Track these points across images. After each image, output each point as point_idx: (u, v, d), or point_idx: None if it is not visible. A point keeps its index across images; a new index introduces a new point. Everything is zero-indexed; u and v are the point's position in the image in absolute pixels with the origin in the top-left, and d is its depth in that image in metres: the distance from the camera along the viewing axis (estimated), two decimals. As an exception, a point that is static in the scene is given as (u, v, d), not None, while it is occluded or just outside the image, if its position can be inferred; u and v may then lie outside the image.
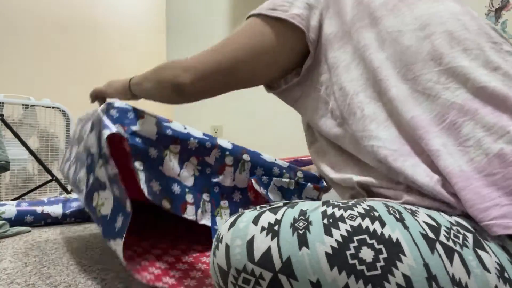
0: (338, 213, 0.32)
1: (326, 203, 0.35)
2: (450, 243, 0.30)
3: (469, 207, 0.32)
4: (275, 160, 0.82)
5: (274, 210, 0.35)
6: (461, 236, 0.30)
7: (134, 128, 0.64)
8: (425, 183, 0.36)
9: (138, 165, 0.61)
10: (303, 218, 0.33)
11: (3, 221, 1.04)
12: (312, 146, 0.58)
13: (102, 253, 0.84)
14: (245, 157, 0.79)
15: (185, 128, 0.75)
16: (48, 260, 0.79)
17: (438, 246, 0.29)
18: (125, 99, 0.73)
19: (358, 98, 0.45)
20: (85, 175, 0.69)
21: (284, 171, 0.83)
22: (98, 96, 0.90)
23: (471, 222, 0.32)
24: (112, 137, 0.61)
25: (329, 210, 0.33)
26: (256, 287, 0.31)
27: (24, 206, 1.14)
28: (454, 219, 0.33)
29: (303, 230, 0.31)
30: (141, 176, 0.60)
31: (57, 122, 1.82)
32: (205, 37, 2.04)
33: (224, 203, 0.75)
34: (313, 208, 0.34)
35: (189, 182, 0.72)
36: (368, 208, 0.33)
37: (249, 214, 0.35)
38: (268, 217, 0.34)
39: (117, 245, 0.56)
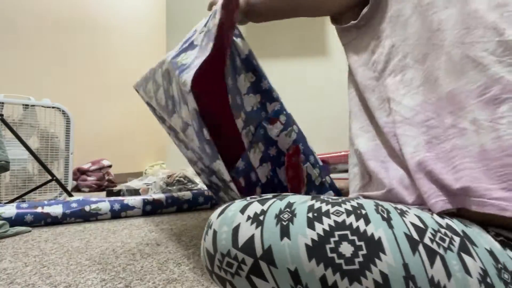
0: (324, 208, 0.33)
1: (315, 197, 0.36)
2: (434, 246, 0.30)
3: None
4: (315, 153, 0.93)
5: (262, 201, 0.36)
6: (447, 239, 0.31)
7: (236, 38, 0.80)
8: (408, 159, 0.38)
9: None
10: (288, 210, 0.34)
11: (3, 221, 1.04)
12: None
13: (102, 253, 0.84)
14: (295, 128, 0.91)
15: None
16: (48, 260, 0.79)
17: (420, 247, 0.30)
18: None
19: (405, 60, 0.45)
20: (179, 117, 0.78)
21: (318, 166, 0.93)
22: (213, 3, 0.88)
23: (461, 225, 0.33)
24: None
25: (316, 205, 0.34)
26: (239, 271, 0.33)
27: (24, 208, 1.15)
28: (445, 222, 0.33)
29: (287, 222, 0.33)
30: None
31: (57, 122, 1.82)
32: (205, 37, 2.04)
33: (261, 146, 0.85)
34: (301, 202, 0.35)
35: (248, 108, 0.86)
36: (356, 205, 0.34)
37: (238, 204, 0.37)
38: (255, 207, 0.35)
39: (220, 165, 0.66)
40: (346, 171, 1.17)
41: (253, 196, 0.39)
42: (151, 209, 1.33)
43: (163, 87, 0.80)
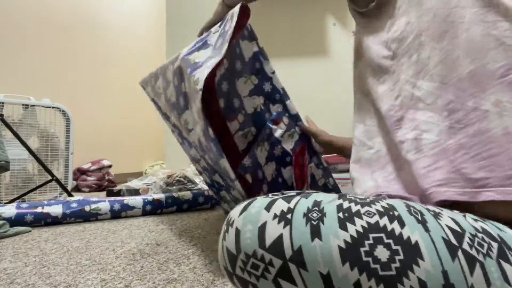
0: (354, 208, 0.32)
1: (342, 196, 0.34)
2: (473, 252, 0.28)
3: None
4: (320, 154, 0.96)
5: (288, 199, 0.34)
6: (485, 245, 0.29)
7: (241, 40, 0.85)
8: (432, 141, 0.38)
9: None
10: (317, 209, 0.32)
11: (3, 221, 1.04)
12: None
13: (102, 253, 0.84)
14: (297, 130, 0.94)
15: (272, 73, 0.92)
16: (48, 260, 0.79)
17: (460, 253, 0.28)
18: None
19: (420, 39, 0.43)
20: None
21: (321, 166, 0.96)
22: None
23: (496, 229, 0.31)
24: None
25: (345, 204, 0.32)
26: (265, 273, 0.30)
27: (24, 208, 1.15)
28: (480, 225, 0.31)
29: (317, 221, 0.31)
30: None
31: (57, 122, 1.82)
32: (205, 37, 2.04)
33: (266, 146, 0.89)
34: (328, 200, 0.33)
35: (250, 110, 0.90)
36: (387, 206, 0.32)
37: (261, 201, 0.34)
38: (281, 205, 0.33)
39: (225, 163, 0.69)
40: (346, 171, 1.17)
41: (274, 193, 0.37)
42: (151, 209, 1.33)
43: (173, 84, 0.81)
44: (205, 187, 1.59)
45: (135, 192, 1.71)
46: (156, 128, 3.28)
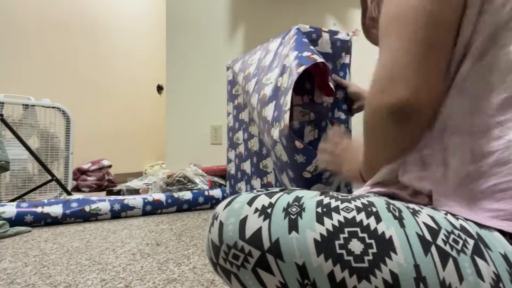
0: (334, 204, 0.33)
1: (324, 193, 0.36)
2: (447, 248, 0.29)
3: None
4: None
5: (270, 194, 0.36)
6: (461, 242, 0.30)
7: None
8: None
9: None
10: (297, 204, 0.33)
11: (3, 221, 1.04)
12: None
13: (102, 253, 0.84)
14: None
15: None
16: (48, 260, 0.79)
17: (433, 248, 0.29)
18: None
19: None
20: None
21: None
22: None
23: (476, 227, 0.32)
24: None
25: (325, 200, 0.34)
26: (245, 263, 0.32)
27: (24, 207, 1.15)
28: (459, 223, 0.32)
29: (295, 216, 0.32)
30: None
31: (57, 122, 1.82)
32: (206, 37, 2.04)
33: (315, 133, 0.96)
34: (309, 197, 0.35)
35: (316, 100, 0.98)
36: (367, 203, 0.33)
37: (245, 196, 0.36)
38: (262, 200, 0.35)
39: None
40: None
41: (259, 190, 0.38)
42: (151, 209, 1.33)
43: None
44: (205, 187, 1.59)
45: (135, 192, 1.71)
46: (156, 128, 3.28)
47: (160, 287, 0.62)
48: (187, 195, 1.42)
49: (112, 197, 1.31)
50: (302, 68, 0.83)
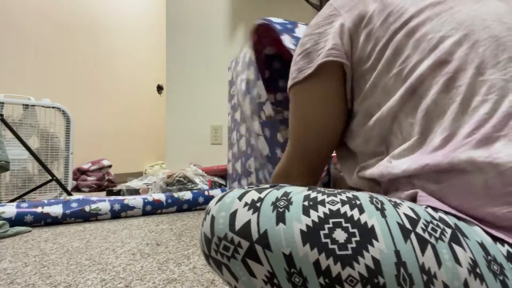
0: (320, 197, 0.35)
1: (312, 188, 0.38)
2: (426, 235, 0.31)
3: None
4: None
5: (260, 190, 0.38)
6: (439, 230, 0.32)
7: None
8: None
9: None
10: (285, 198, 0.35)
11: (3, 221, 1.04)
12: None
13: (102, 253, 0.84)
14: None
15: None
16: (48, 260, 0.79)
17: (412, 236, 0.31)
18: None
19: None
20: None
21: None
22: None
23: (454, 219, 0.34)
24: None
25: (312, 194, 0.36)
26: (235, 254, 0.34)
27: (24, 207, 1.15)
28: (438, 215, 0.34)
29: (283, 209, 0.34)
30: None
31: (57, 122, 1.82)
32: (206, 37, 2.04)
33: (287, 134, 0.94)
34: (297, 191, 0.37)
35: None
36: (351, 196, 0.35)
37: (236, 192, 0.38)
38: (252, 195, 0.37)
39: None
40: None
41: (250, 186, 0.40)
42: (151, 209, 1.33)
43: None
44: (205, 187, 1.59)
45: (135, 192, 1.71)
46: (156, 128, 3.28)
47: (160, 287, 0.62)
48: (187, 195, 1.42)
49: (112, 197, 1.31)
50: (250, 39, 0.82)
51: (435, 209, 0.35)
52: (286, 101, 0.97)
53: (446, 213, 0.35)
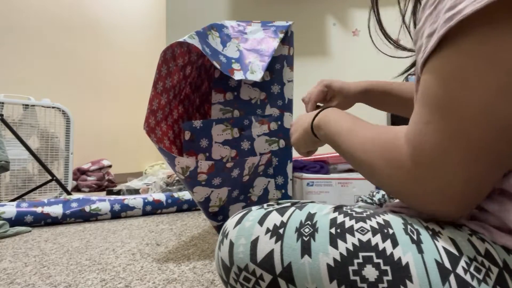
0: (348, 223, 0.31)
1: (338, 209, 0.34)
2: (467, 277, 0.27)
3: None
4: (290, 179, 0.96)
5: (282, 211, 0.34)
6: (483, 270, 0.28)
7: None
8: None
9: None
10: (309, 223, 0.32)
11: (3, 221, 1.04)
12: None
13: (102, 253, 0.84)
14: (282, 143, 0.95)
15: (288, 81, 0.96)
16: (48, 260, 0.79)
17: (451, 278, 0.27)
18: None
19: None
20: None
21: (284, 191, 0.95)
22: None
23: (504, 253, 0.29)
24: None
25: (340, 219, 0.32)
26: (256, 286, 0.32)
27: (24, 207, 1.14)
28: (485, 247, 0.29)
29: (308, 237, 0.31)
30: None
31: (57, 122, 1.82)
32: (205, 37, 2.04)
33: (235, 132, 0.92)
34: (322, 214, 0.33)
35: (245, 97, 0.96)
36: (383, 223, 0.31)
37: (255, 213, 0.35)
38: (274, 219, 0.34)
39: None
40: (346, 171, 1.17)
41: (270, 203, 0.37)
42: (151, 209, 1.33)
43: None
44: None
45: (135, 192, 1.71)
46: (156, 128, 3.28)
47: (160, 287, 0.62)
48: (187, 195, 1.42)
49: (112, 197, 1.31)
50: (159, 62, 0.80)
51: (482, 239, 0.30)
52: (236, 101, 0.96)
53: (494, 243, 0.29)
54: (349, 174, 1.09)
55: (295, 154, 1.23)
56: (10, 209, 1.11)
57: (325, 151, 1.39)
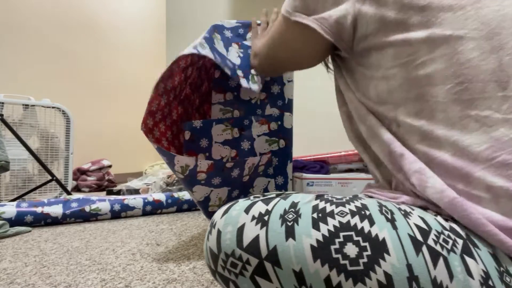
0: (329, 208, 0.33)
1: (319, 197, 0.36)
2: (437, 247, 0.30)
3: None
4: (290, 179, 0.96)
5: (267, 201, 0.36)
6: (450, 242, 0.31)
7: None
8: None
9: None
10: (293, 210, 0.34)
11: (3, 221, 1.04)
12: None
13: (102, 253, 0.84)
14: (282, 143, 0.96)
15: (288, 81, 0.97)
16: (48, 260, 0.79)
17: (424, 248, 0.30)
18: None
19: (399, 117, 0.38)
20: None
21: (283, 191, 0.91)
22: None
23: (465, 229, 0.33)
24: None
25: (321, 205, 0.34)
26: (243, 271, 0.33)
27: (24, 207, 1.14)
28: (449, 224, 0.33)
29: (292, 222, 0.33)
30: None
31: (57, 122, 1.82)
32: (205, 37, 2.05)
33: (236, 132, 0.92)
34: (305, 201, 0.35)
35: (245, 97, 0.97)
36: (360, 206, 0.34)
37: (242, 203, 0.37)
38: (259, 207, 0.35)
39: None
40: (346, 171, 1.17)
41: (256, 195, 0.39)
42: (151, 209, 1.33)
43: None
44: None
45: (135, 192, 1.71)
46: (156, 128, 3.28)
47: (160, 287, 0.62)
48: (187, 195, 1.42)
49: (112, 197, 1.31)
50: (163, 73, 0.79)
51: (445, 219, 0.33)
52: (236, 101, 0.96)
53: (456, 221, 0.33)
54: (349, 174, 1.09)
55: (295, 154, 1.23)
56: (10, 209, 1.11)
57: (325, 151, 1.39)
